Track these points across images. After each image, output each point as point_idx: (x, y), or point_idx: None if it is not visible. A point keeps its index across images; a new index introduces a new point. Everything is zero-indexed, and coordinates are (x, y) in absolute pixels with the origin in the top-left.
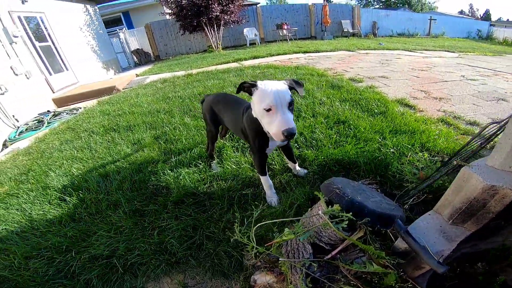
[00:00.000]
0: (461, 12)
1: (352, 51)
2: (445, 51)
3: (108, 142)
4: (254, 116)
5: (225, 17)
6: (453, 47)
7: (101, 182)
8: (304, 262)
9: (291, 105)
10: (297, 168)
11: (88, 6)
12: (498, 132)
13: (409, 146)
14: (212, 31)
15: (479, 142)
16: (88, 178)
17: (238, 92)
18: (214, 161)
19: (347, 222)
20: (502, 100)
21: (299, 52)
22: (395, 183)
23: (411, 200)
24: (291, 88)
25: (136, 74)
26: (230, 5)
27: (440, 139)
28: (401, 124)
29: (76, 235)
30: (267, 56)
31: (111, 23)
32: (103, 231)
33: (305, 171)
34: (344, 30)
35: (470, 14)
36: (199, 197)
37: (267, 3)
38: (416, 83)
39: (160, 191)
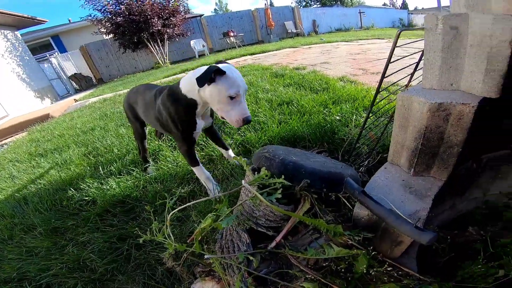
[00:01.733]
0: (384, 4)
1: (296, 47)
2: (376, 38)
3: (33, 168)
4: (206, 100)
5: (168, 31)
6: (383, 35)
7: (17, 207)
8: (241, 257)
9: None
10: (232, 155)
11: (6, 32)
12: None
13: (353, 111)
14: (157, 47)
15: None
16: (3, 205)
17: (205, 77)
18: (149, 165)
19: (280, 190)
20: None
21: (246, 55)
22: (346, 148)
23: (367, 162)
24: None
25: (75, 99)
26: (171, 18)
27: (382, 101)
28: (344, 94)
29: None
30: (214, 63)
31: (40, 49)
32: (15, 254)
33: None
34: (288, 31)
35: (391, 5)
36: (128, 204)
37: (212, 12)
38: (354, 63)
39: (84, 207)
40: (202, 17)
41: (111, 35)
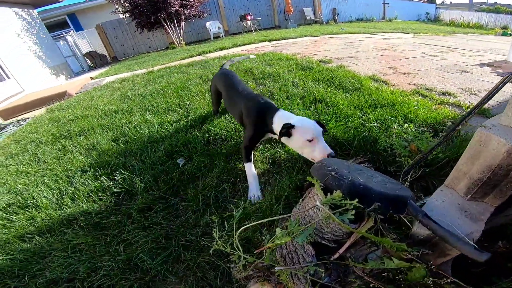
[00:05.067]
0: None
1: (316, 36)
2: (401, 32)
3: (59, 151)
4: (291, 147)
5: (185, 12)
6: (407, 29)
7: (50, 196)
8: (312, 269)
9: (324, 135)
10: None
11: (24, 10)
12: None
13: (392, 118)
14: (173, 27)
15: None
16: (35, 193)
17: (282, 135)
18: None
19: (353, 212)
20: (466, 72)
21: (265, 41)
22: (387, 158)
23: (410, 176)
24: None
25: (91, 77)
26: None
27: (420, 109)
28: (379, 97)
29: (27, 257)
30: (233, 47)
31: (56, 27)
32: (59, 251)
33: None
34: (307, 17)
35: None
36: (169, 200)
37: None
38: (382, 61)
39: (121, 200)
40: None
41: (127, 14)
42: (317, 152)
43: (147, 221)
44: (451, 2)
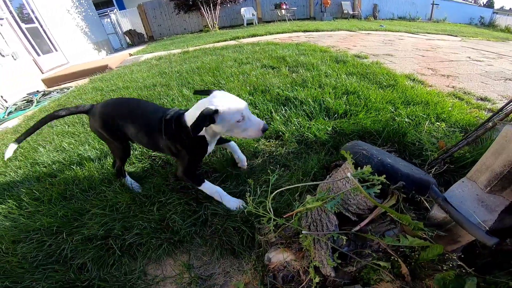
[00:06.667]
0: None
1: (353, 31)
2: (448, 35)
3: None
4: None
5: None
6: (456, 31)
7: (94, 156)
8: (331, 235)
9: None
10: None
11: None
12: None
13: (424, 116)
14: (208, 11)
15: None
16: (81, 152)
17: (201, 125)
18: (125, 178)
19: (379, 186)
20: (510, 80)
21: (299, 31)
22: (414, 151)
23: (434, 169)
24: None
25: (130, 54)
26: None
27: (454, 111)
28: (413, 95)
29: (67, 214)
30: (266, 35)
31: (101, 5)
32: (97, 209)
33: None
34: (344, 11)
35: (473, 1)
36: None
37: None
38: (422, 61)
39: (158, 163)
40: None
41: None
42: (251, 130)
43: (181, 184)
44: (510, 9)
